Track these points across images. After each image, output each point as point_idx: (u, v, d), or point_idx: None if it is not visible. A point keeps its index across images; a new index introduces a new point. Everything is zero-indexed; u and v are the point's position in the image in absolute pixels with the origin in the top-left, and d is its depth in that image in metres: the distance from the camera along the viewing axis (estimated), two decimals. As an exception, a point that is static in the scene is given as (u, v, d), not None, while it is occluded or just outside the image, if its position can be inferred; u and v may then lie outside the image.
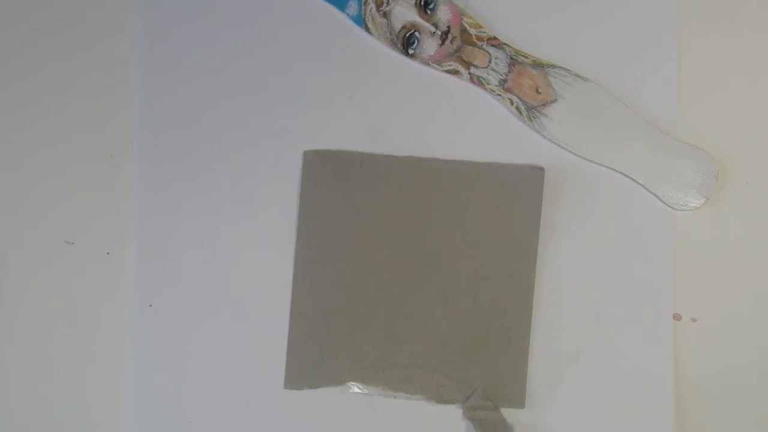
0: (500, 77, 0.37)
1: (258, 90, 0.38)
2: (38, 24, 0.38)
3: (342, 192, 0.38)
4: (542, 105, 0.37)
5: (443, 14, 0.37)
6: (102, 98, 0.38)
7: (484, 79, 0.37)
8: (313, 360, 0.37)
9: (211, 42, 0.38)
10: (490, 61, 0.37)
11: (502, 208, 0.37)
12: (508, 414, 0.37)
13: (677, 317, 0.37)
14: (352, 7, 0.38)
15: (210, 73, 0.38)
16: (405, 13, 0.37)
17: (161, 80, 0.38)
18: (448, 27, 0.37)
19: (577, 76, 0.37)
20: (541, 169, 0.37)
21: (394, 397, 0.37)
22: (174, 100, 0.38)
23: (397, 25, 0.37)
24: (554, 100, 0.37)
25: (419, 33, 0.37)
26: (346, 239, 0.37)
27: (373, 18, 0.38)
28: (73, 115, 0.38)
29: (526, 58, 0.37)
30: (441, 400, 0.37)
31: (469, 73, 0.37)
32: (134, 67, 0.38)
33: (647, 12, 0.37)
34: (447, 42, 0.37)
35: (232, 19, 0.38)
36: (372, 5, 0.37)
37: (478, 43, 0.37)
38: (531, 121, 0.37)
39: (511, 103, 0.37)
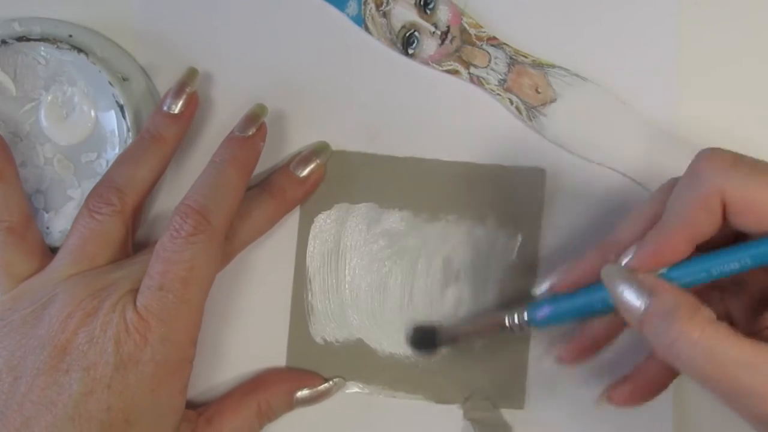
0: (500, 77, 0.37)
1: (257, 90, 0.38)
2: None
3: (342, 192, 0.38)
4: (542, 105, 0.37)
5: (443, 14, 0.37)
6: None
7: (483, 78, 0.37)
8: (313, 360, 0.37)
9: (210, 42, 0.38)
10: (489, 61, 0.37)
11: (503, 209, 0.37)
12: (508, 414, 0.37)
13: (677, 317, 0.37)
14: (352, 7, 0.38)
15: (208, 73, 0.38)
16: (404, 13, 0.37)
17: (159, 80, 0.38)
18: (448, 27, 0.37)
19: (577, 75, 0.37)
20: (542, 170, 0.37)
21: (394, 397, 0.37)
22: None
23: (397, 25, 0.37)
24: (554, 100, 0.37)
25: (419, 33, 0.37)
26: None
27: (372, 18, 0.38)
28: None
29: (526, 57, 0.37)
30: (441, 400, 0.37)
31: (469, 73, 0.37)
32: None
33: (647, 12, 0.37)
34: (446, 42, 0.37)
35: (230, 18, 0.38)
36: (372, 5, 0.37)
37: (478, 42, 0.37)
38: (531, 120, 0.37)
39: (511, 102, 0.37)
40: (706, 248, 0.29)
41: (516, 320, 0.33)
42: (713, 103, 0.37)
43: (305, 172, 0.36)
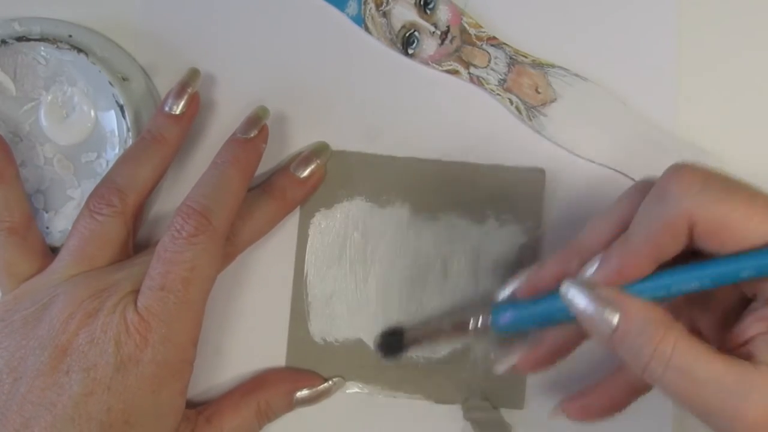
0: (500, 77, 0.37)
1: (256, 90, 0.38)
2: None
3: (342, 192, 0.38)
4: (542, 105, 0.37)
5: (443, 14, 0.37)
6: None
7: (483, 78, 0.37)
8: (313, 360, 0.37)
9: (210, 42, 0.38)
10: (489, 61, 0.37)
11: (503, 209, 0.37)
12: (508, 414, 0.37)
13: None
14: (352, 7, 0.38)
15: (207, 73, 0.38)
16: (404, 13, 0.37)
17: (159, 80, 0.38)
18: (448, 27, 0.37)
19: (577, 75, 0.37)
20: (542, 170, 0.37)
21: (394, 397, 0.37)
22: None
23: (397, 25, 0.37)
24: (554, 100, 0.37)
25: (419, 33, 0.37)
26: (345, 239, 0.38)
27: (372, 18, 0.38)
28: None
29: (526, 57, 0.37)
30: (440, 400, 0.37)
31: (469, 73, 0.37)
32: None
33: (647, 12, 0.37)
34: (446, 42, 0.37)
35: (230, 18, 0.38)
36: (371, 5, 0.37)
37: (478, 42, 0.37)
38: (531, 120, 0.37)
39: (511, 102, 0.37)
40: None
41: (480, 324, 0.32)
42: (713, 103, 0.37)
43: (306, 173, 0.36)
